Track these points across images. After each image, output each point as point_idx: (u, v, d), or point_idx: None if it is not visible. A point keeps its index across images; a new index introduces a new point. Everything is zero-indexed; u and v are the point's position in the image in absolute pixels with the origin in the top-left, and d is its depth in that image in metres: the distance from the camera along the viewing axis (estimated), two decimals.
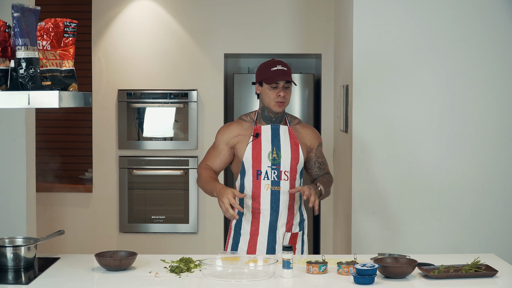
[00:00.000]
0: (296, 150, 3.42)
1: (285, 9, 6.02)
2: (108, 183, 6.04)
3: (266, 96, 3.40)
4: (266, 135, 3.42)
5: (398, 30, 4.31)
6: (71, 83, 2.62)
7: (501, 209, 4.34)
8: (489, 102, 4.32)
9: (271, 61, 3.44)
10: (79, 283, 2.75)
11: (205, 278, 2.77)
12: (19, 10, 2.37)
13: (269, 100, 3.39)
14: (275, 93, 3.37)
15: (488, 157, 4.32)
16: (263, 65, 3.45)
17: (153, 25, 6.02)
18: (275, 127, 3.44)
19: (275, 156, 3.39)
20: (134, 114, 6.01)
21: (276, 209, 3.37)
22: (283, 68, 3.39)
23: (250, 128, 3.45)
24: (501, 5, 4.28)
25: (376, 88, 4.33)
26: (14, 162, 4.19)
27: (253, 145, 3.40)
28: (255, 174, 3.38)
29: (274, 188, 3.38)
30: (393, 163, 4.34)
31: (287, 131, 3.45)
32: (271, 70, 3.37)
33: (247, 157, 3.39)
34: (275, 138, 3.42)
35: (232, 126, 3.50)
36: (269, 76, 3.37)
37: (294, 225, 3.43)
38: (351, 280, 2.74)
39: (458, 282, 2.75)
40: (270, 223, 3.37)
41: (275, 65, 3.40)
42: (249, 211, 3.40)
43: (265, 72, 3.40)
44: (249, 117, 3.50)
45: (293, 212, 3.43)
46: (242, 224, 3.42)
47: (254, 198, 3.38)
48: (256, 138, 3.41)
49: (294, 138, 3.44)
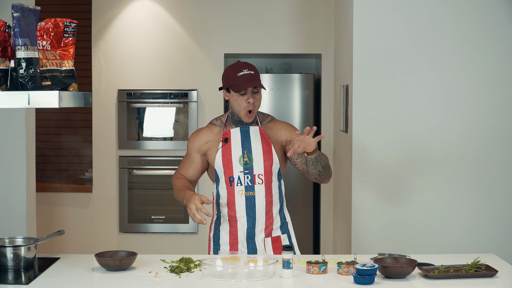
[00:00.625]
0: (269, 151, 3.26)
1: (285, 9, 6.02)
2: (108, 183, 6.05)
3: (235, 104, 3.23)
4: (235, 138, 3.27)
5: (398, 30, 4.31)
6: (71, 83, 2.62)
7: (501, 209, 4.34)
8: (489, 102, 4.32)
9: (236, 65, 3.25)
10: (79, 283, 2.75)
11: (205, 278, 2.77)
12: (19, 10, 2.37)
13: (239, 108, 3.22)
14: (244, 100, 3.20)
15: (488, 157, 4.32)
16: (228, 69, 3.27)
17: (153, 25, 6.02)
18: (245, 129, 3.29)
19: (247, 159, 3.24)
20: (134, 114, 6.01)
21: (252, 215, 3.23)
22: (250, 72, 3.21)
23: (220, 132, 3.31)
24: (501, 5, 4.28)
25: (376, 88, 4.33)
26: (14, 162, 4.20)
27: (223, 151, 3.26)
28: (227, 181, 3.24)
29: (249, 194, 3.22)
30: (393, 163, 4.34)
31: (258, 132, 3.29)
32: (238, 76, 3.19)
33: (218, 164, 3.25)
34: (245, 141, 3.27)
35: (202, 132, 3.35)
36: (236, 82, 3.19)
37: (274, 229, 3.28)
38: (351, 280, 2.74)
39: (458, 282, 2.75)
40: (248, 230, 3.23)
41: (241, 69, 3.21)
42: (226, 220, 3.27)
43: (232, 78, 3.21)
44: (219, 121, 3.36)
45: (272, 216, 3.27)
46: (220, 234, 3.29)
47: (229, 206, 3.25)
48: (225, 143, 3.26)
49: (266, 138, 3.28)
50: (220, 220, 3.30)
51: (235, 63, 3.28)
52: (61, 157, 6.62)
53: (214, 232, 3.31)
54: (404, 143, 4.33)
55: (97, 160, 6.07)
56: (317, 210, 6.19)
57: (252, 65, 3.25)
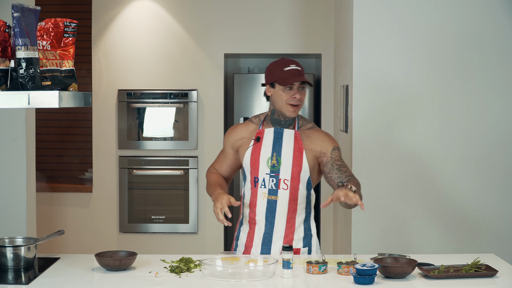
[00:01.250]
0: (299, 156, 3.12)
1: (285, 9, 6.02)
2: (108, 183, 6.05)
3: (278, 99, 3.11)
4: (267, 139, 3.16)
5: (398, 30, 4.31)
6: (71, 83, 2.62)
7: (501, 209, 4.34)
8: (489, 102, 4.32)
9: (283, 60, 3.14)
10: (79, 283, 2.75)
11: (205, 278, 2.77)
12: (19, 10, 2.37)
13: (281, 103, 3.11)
14: (290, 95, 3.08)
15: (488, 157, 4.32)
16: (273, 64, 3.16)
17: (153, 25, 6.02)
18: (278, 130, 3.17)
19: (275, 162, 3.13)
20: (134, 114, 6.01)
21: (271, 220, 3.13)
22: (297, 68, 3.10)
23: (255, 131, 3.22)
24: (500, 5, 4.28)
25: (376, 88, 4.33)
26: (14, 162, 4.20)
27: (253, 150, 3.16)
28: (252, 181, 3.16)
29: (271, 198, 3.12)
30: (393, 163, 4.34)
31: (292, 136, 3.16)
32: (285, 70, 3.08)
33: (246, 163, 3.17)
34: (276, 142, 3.15)
35: (237, 128, 3.27)
36: (283, 76, 3.07)
37: (295, 240, 3.15)
38: (351, 280, 2.74)
39: (458, 282, 2.75)
40: (264, 235, 3.14)
41: (289, 64, 3.10)
42: (246, 221, 3.21)
43: (278, 72, 3.10)
44: (257, 119, 3.26)
45: (293, 225, 3.14)
46: (240, 234, 3.24)
47: (250, 207, 3.17)
48: (257, 142, 3.17)
49: (299, 143, 3.14)
50: (243, 220, 3.25)
51: (280, 59, 3.16)
52: (61, 157, 6.62)
53: (238, 231, 3.27)
54: (404, 143, 4.33)
55: (97, 160, 6.07)
56: (317, 210, 6.19)
57: (298, 63, 3.14)
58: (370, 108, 4.34)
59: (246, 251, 3.19)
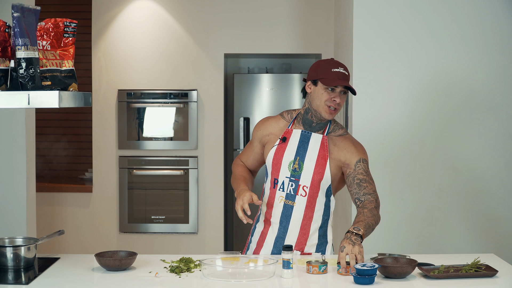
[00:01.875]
0: (323, 164, 3.02)
1: (285, 9, 6.02)
2: (108, 183, 6.05)
3: (317, 98, 2.99)
4: (293, 141, 3.05)
5: (398, 29, 4.31)
6: (71, 83, 2.62)
7: (501, 209, 4.34)
8: (489, 102, 4.32)
9: (332, 61, 3.02)
10: (79, 283, 2.75)
11: (205, 278, 2.77)
12: (19, 10, 2.37)
13: (320, 102, 2.98)
14: (331, 96, 2.95)
15: (488, 157, 4.32)
16: (322, 62, 3.03)
17: (153, 25, 6.02)
18: (306, 133, 3.05)
19: (296, 167, 3.02)
20: (134, 114, 6.02)
21: (285, 225, 3.06)
22: (345, 72, 2.98)
23: (284, 128, 3.11)
24: (500, 4, 4.28)
25: (376, 88, 4.33)
26: (14, 162, 4.20)
27: (277, 150, 3.06)
28: (272, 182, 3.07)
29: (288, 202, 3.04)
30: (393, 163, 4.34)
31: (319, 141, 3.04)
32: (332, 71, 2.96)
33: (269, 161, 3.07)
34: (301, 146, 3.04)
35: (268, 122, 3.15)
36: (329, 76, 2.96)
37: (308, 246, 3.09)
38: (351, 280, 2.74)
39: (458, 282, 2.75)
40: (276, 239, 3.08)
41: (337, 66, 2.98)
42: (263, 219, 3.15)
43: (325, 71, 2.97)
44: (290, 116, 3.14)
45: (307, 232, 3.07)
46: (256, 230, 3.18)
47: (268, 206, 3.11)
48: (282, 142, 3.06)
49: (325, 150, 3.03)
50: (260, 216, 3.19)
51: (329, 59, 3.05)
52: (61, 157, 6.62)
53: (254, 226, 3.20)
54: (404, 143, 4.33)
55: (97, 160, 6.07)
56: None
57: (347, 67, 3.03)
58: (370, 108, 4.33)
59: (257, 249, 3.16)
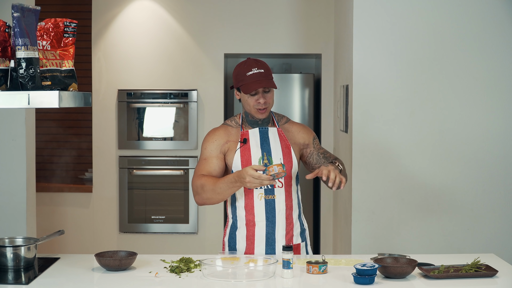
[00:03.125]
0: (288, 153, 3.13)
1: (285, 9, 6.02)
2: (108, 183, 6.05)
3: (245, 103, 3.10)
4: (254, 139, 3.13)
5: (398, 30, 4.31)
6: (71, 83, 2.62)
7: (501, 209, 4.34)
8: (489, 102, 4.32)
9: (246, 63, 3.08)
10: (79, 283, 2.75)
11: (205, 278, 2.77)
12: (19, 10, 2.37)
13: (249, 107, 3.09)
14: (255, 100, 3.06)
15: (488, 157, 4.32)
16: (238, 67, 3.11)
17: (153, 25, 6.02)
18: (264, 129, 3.15)
19: (266, 161, 3.09)
20: (134, 114, 6.01)
21: (272, 219, 3.09)
22: (260, 70, 3.04)
23: (237, 133, 3.15)
24: (501, 5, 4.28)
25: (376, 88, 4.33)
26: (14, 162, 4.20)
27: (242, 152, 3.10)
28: None
29: (268, 197, 3.08)
30: (393, 163, 4.34)
31: (276, 133, 3.16)
32: (247, 75, 3.03)
33: (236, 165, 3.08)
34: (264, 142, 3.12)
35: (218, 132, 3.17)
36: (245, 82, 3.04)
37: (295, 235, 3.15)
38: (351, 280, 2.74)
39: (458, 282, 2.75)
40: (267, 236, 3.10)
41: (251, 68, 3.04)
42: (243, 224, 3.13)
43: (242, 77, 3.05)
44: (234, 121, 3.20)
45: (292, 221, 3.13)
46: (236, 238, 3.14)
47: (247, 209, 3.10)
48: (244, 144, 3.11)
49: (284, 140, 3.15)
50: (236, 224, 3.15)
51: (244, 61, 3.11)
52: (61, 157, 6.62)
53: (230, 236, 3.16)
54: (404, 143, 4.33)
55: (97, 160, 6.07)
56: (317, 210, 6.19)
57: (262, 63, 3.08)
58: (370, 108, 4.34)
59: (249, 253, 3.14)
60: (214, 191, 3.01)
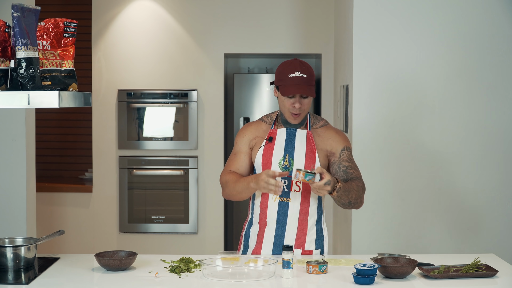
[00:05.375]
0: (312, 158, 3.04)
1: (285, 9, 6.02)
2: (108, 183, 6.05)
3: (281, 104, 3.05)
4: (280, 139, 3.08)
5: (398, 29, 4.31)
6: (71, 83, 2.62)
7: (501, 209, 4.34)
8: (489, 101, 4.32)
9: (292, 64, 3.03)
10: (79, 283, 2.75)
11: (205, 278, 2.77)
12: (19, 10, 2.37)
13: (284, 108, 3.05)
14: (291, 103, 3.01)
15: (488, 157, 4.32)
16: (282, 66, 3.06)
17: (153, 25, 6.02)
18: (291, 131, 3.09)
19: (287, 163, 3.04)
20: (134, 114, 6.02)
21: (283, 222, 3.05)
22: (302, 75, 2.98)
23: (267, 130, 3.13)
24: (501, 6, 4.28)
25: (376, 88, 4.33)
26: (14, 162, 4.20)
27: (265, 150, 3.07)
28: None
29: (283, 200, 3.05)
30: (393, 163, 4.34)
31: (304, 136, 3.08)
32: (289, 77, 2.98)
33: (258, 163, 3.08)
34: (289, 143, 3.07)
35: (251, 127, 3.16)
36: (286, 83, 2.99)
37: (308, 242, 3.09)
38: (351, 280, 2.74)
39: (458, 282, 2.75)
40: (276, 238, 3.07)
41: (294, 70, 2.99)
42: (257, 222, 3.13)
43: (283, 77, 3.00)
44: (269, 118, 3.17)
45: (305, 227, 3.07)
46: (250, 235, 3.15)
47: (261, 208, 3.09)
48: (269, 142, 3.07)
49: (311, 144, 3.06)
50: (252, 221, 3.16)
51: (290, 61, 3.06)
52: (61, 157, 6.62)
53: (246, 231, 3.17)
54: (404, 143, 4.33)
55: (97, 160, 6.07)
56: None
57: (307, 67, 3.02)
58: (370, 108, 4.34)
59: (256, 252, 3.13)
60: (234, 189, 3.05)
